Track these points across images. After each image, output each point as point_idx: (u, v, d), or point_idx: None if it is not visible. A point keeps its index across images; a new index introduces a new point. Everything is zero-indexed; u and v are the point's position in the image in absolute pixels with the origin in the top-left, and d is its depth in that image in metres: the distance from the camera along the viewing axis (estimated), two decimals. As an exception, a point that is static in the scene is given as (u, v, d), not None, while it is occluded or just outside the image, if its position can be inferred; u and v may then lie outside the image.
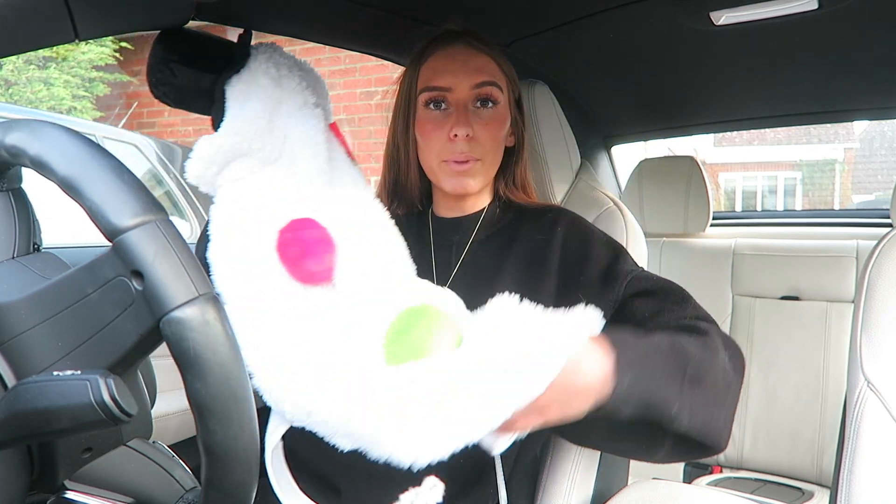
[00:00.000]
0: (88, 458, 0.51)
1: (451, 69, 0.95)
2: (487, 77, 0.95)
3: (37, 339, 0.47)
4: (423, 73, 0.97)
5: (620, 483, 1.09)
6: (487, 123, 0.95)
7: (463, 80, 0.94)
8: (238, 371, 0.45)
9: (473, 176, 0.95)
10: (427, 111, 0.96)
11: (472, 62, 0.95)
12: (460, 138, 0.92)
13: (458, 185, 0.96)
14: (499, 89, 0.96)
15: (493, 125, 0.96)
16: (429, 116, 0.96)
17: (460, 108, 0.94)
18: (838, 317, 1.80)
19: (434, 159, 0.96)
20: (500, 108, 0.97)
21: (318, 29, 1.21)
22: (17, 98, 5.66)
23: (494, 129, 0.96)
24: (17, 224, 0.53)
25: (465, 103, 0.94)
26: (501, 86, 0.97)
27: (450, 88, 0.94)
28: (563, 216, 1.00)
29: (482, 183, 0.98)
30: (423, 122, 0.96)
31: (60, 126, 0.47)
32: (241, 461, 0.46)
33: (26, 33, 0.75)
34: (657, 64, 1.46)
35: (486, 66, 0.96)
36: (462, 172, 0.94)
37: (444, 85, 0.94)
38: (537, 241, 0.97)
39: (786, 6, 1.10)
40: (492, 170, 0.99)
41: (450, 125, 0.93)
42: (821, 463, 1.75)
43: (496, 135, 0.96)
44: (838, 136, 16.21)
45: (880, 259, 0.92)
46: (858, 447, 0.85)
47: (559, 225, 0.98)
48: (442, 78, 0.94)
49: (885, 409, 0.85)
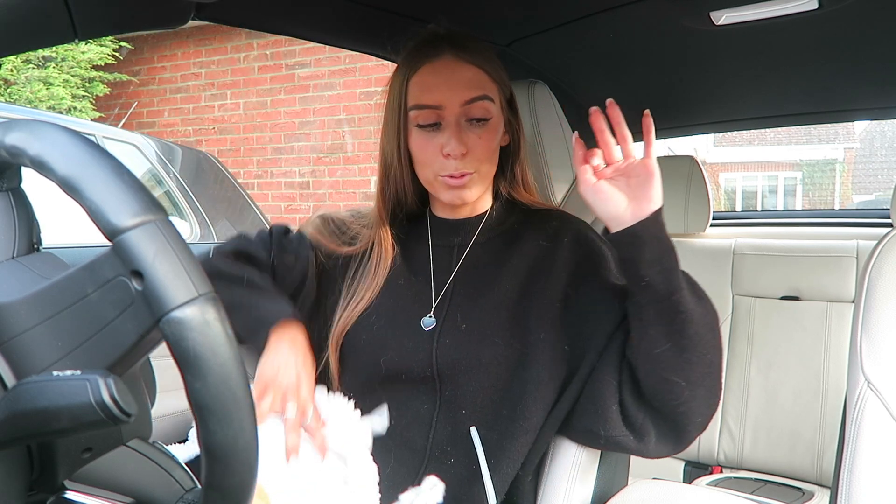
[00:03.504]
0: (88, 458, 0.51)
1: (439, 85, 0.93)
2: (478, 92, 0.93)
3: (37, 339, 0.47)
4: (411, 89, 0.95)
5: (620, 483, 1.09)
6: (480, 137, 0.94)
7: (452, 98, 0.92)
8: (238, 371, 0.45)
9: (470, 188, 0.95)
10: (419, 129, 0.95)
11: (460, 76, 0.93)
12: (454, 156, 0.92)
13: (456, 197, 0.96)
14: (490, 102, 0.95)
15: (486, 136, 0.95)
16: (421, 134, 0.95)
17: (452, 126, 0.92)
18: (838, 317, 1.80)
19: (429, 174, 0.96)
20: (493, 121, 0.96)
21: (318, 29, 1.21)
22: (17, 98, 5.66)
23: (487, 140, 0.95)
24: (17, 224, 0.53)
25: (457, 119, 0.93)
26: (493, 96, 0.95)
27: (440, 106, 0.93)
28: (568, 224, 1.00)
29: (479, 192, 0.98)
30: (415, 139, 0.95)
31: (60, 126, 0.47)
32: (241, 461, 0.46)
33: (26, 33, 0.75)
34: (657, 64, 1.46)
35: (475, 79, 0.94)
36: (459, 187, 0.94)
37: (434, 103, 0.93)
38: (542, 248, 0.97)
39: (786, 6, 1.10)
40: (488, 177, 0.99)
41: (442, 142, 0.92)
42: (821, 463, 1.75)
43: (490, 146, 0.96)
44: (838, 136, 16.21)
45: (880, 259, 0.92)
46: (858, 447, 0.85)
47: (565, 234, 0.98)
48: (431, 95, 0.93)
49: (886, 409, 0.85)
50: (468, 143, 0.93)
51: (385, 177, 1.02)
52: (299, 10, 1.09)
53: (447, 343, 0.94)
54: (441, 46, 0.95)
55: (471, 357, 0.92)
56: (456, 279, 0.98)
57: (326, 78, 5.57)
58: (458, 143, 0.91)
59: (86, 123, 3.51)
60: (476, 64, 0.95)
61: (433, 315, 0.97)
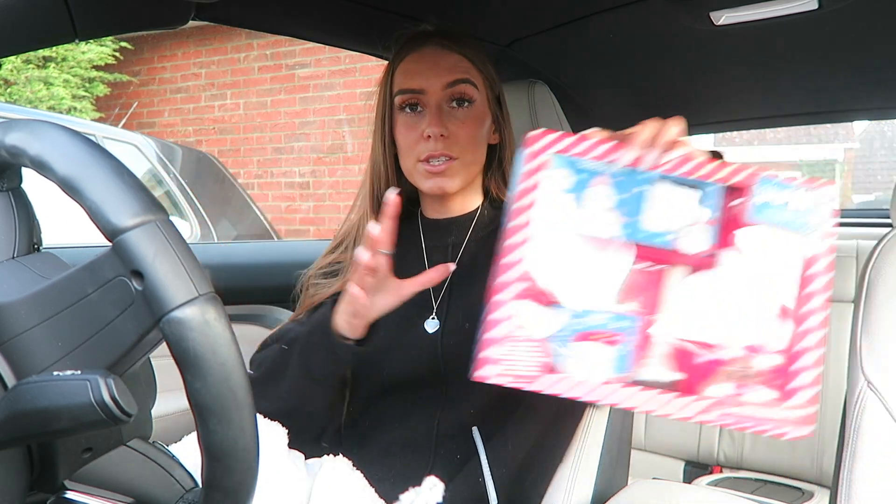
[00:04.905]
0: (88, 458, 0.51)
1: (422, 70, 0.95)
2: (460, 75, 0.95)
3: (37, 339, 0.47)
4: (396, 76, 0.97)
5: (620, 483, 1.09)
6: (463, 122, 0.95)
7: (434, 81, 0.94)
8: (238, 371, 0.45)
9: (451, 176, 0.95)
10: (402, 114, 0.96)
11: (444, 61, 0.95)
12: (434, 138, 0.92)
13: (436, 185, 0.95)
14: (473, 86, 0.96)
15: (469, 123, 0.95)
16: (404, 119, 0.96)
17: (433, 109, 0.94)
18: (838, 317, 1.80)
19: (411, 161, 0.96)
20: (476, 107, 0.96)
21: (318, 29, 1.21)
22: (17, 98, 5.66)
23: (470, 127, 0.95)
24: (17, 224, 0.53)
25: (439, 103, 0.94)
26: (476, 83, 0.96)
27: (422, 90, 0.94)
28: None
29: (461, 183, 0.97)
30: (398, 124, 0.97)
31: (60, 126, 0.47)
32: (241, 461, 0.46)
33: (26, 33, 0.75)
34: (657, 64, 1.46)
35: (458, 65, 0.95)
36: (439, 173, 0.94)
37: (416, 87, 0.94)
38: None
39: (786, 6, 1.10)
40: (472, 169, 0.98)
41: (424, 125, 0.93)
42: (821, 463, 1.75)
43: (473, 133, 0.96)
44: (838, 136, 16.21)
45: (880, 259, 0.92)
46: (858, 447, 0.85)
47: None
48: (414, 80, 0.94)
49: (886, 410, 0.85)
50: (449, 126, 0.93)
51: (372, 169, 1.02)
52: (299, 10, 1.09)
53: (452, 344, 0.94)
54: (428, 37, 0.97)
55: (475, 354, 0.92)
56: (454, 279, 0.98)
57: (326, 78, 5.57)
58: (438, 124, 0.92)
59: (86, 123, 3.52)
60: (460, 52, 0.96)
61: (435, 316, 0.97)
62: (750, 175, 0.67)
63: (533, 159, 0.65)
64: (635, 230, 0.66)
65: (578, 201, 0.66)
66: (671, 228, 0.66)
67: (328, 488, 0.85)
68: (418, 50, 0.96)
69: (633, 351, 0.66)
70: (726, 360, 0.66)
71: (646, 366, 0.66)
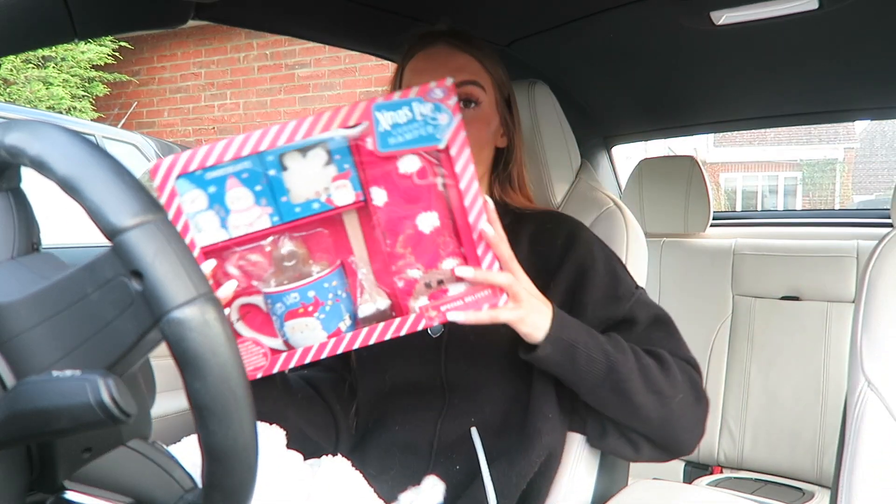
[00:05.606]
0: (88, 458, 0.51)
1: (430, 69, 0.94)
2: (467, 76, 0.94)
3: (36, 339, 0.47)
4: (405, 75, 0.97)
5: (620, 483, 1.09)
6: (468, 123, 0.94)
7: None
8: (238, 371, 0.45)
9: None
10: None
11: (452, 62, 0.95)
12: None
13: None
14: (480, 88, 0.95)
15: (475, 125, 0.94)
16: None
17: None
18: (838, 317, 1.80)
19: None
20: (482, 108, 0.96)
21: (318, 29, 1.21)
22: (16, 97, 5.66)
23: (476, 129, 0.94)
24: (17, 224, 0.53)
25: None
26: (484, 85, 0.96)
27: None
28: (562, 226, 0.99)
29: None
30: None
31: (60, 126, 0.47)
32: (241, 461, 0.46)
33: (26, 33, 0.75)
34: (657, 64, 1.46)
35: (466, 66, 0.95)
36: None
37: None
38: (537, 251, 0.97)
39: (786, 6, 1.10)
40: (477, 171, 0.98)
41: None
42: (821, 463, 1.75)
43: (478, 135, 0.95)
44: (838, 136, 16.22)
45: (880, 259, 0.92)
46: (859, 447, 0.85)
47: (558, 236, 0.97)
48: (421, 78, 0.93)
49: (886, 409, 0.85)
50: None
51: None
52: (299, 10, 1.09)
53: (456, 354, 0.94)
54: (438, 38, 0.97)
55: (480, 367, 0.93)
56: None
57: (326, 78, 5.57)
58: None
59: (86, 123, 3.51)
60: (470, 53, 0.96)
61: None
62: (365, 109, 0.69)
63: (163, 190, 0.68)
64: (288, 211, 0.70)
65: (222, 213, 0.70)
66: (318, 192, 0.70)
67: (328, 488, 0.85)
68: (428, 49, 0.96)
69: (348, 296, 0.75)
70: (417, 277, 0.74)
71: (363, 303, 0.75)
